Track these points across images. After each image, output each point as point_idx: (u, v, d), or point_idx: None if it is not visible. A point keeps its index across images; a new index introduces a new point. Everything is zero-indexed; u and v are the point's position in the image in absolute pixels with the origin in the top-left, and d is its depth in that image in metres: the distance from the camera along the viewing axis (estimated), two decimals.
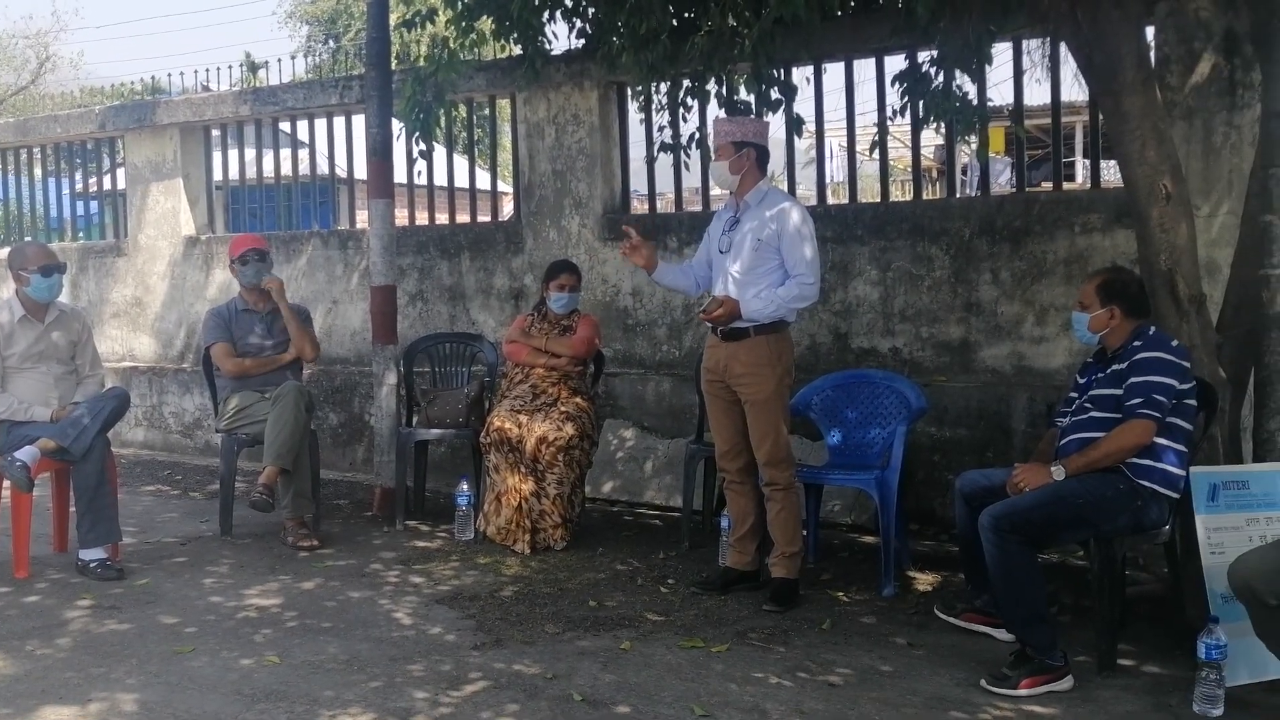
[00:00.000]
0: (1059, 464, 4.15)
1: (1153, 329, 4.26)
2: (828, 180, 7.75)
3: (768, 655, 4.34)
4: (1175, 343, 4.22)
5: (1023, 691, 3.90)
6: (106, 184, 10.64)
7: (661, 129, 7.09)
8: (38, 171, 10.76)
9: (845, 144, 7.35)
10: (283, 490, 6.00)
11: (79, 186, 11.12)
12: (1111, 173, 9.78)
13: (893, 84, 6.19)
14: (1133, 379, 4.10)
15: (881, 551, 5.17)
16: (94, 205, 11.81)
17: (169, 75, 10.27)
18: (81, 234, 11.34)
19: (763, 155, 5.07)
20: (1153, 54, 5.34)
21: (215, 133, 9.41)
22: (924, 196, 7.38)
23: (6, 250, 7.77)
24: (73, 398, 5.65)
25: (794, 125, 6.69)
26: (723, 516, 5.53)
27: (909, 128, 6.61)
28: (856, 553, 5.85)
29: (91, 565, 5.40)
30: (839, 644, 4.47)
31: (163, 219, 9.31)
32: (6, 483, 5.42)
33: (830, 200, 7.70)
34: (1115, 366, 4.21)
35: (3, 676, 4.12)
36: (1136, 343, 4.18)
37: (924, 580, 5.32)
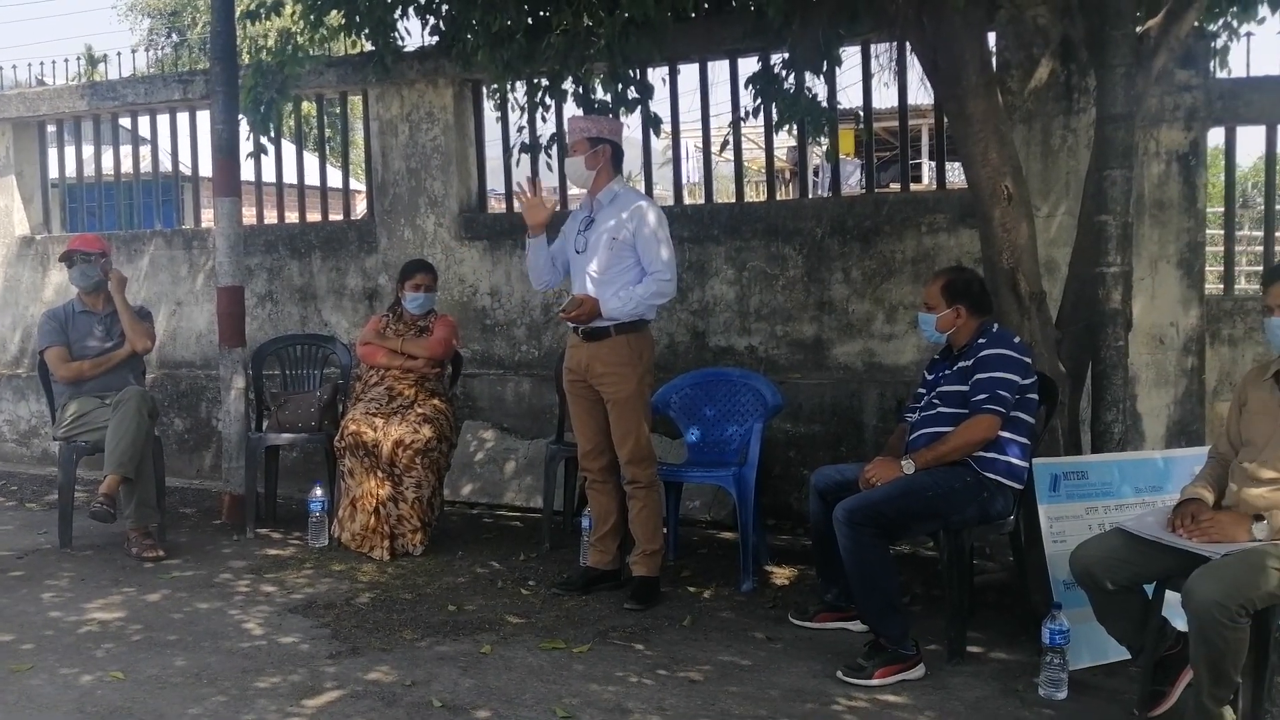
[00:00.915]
0: (909, 458, 4.26)
1: (996, 326, 4.41)
2: (684, 180, 7.81)
3: (629, 654, 4.35)
4: (1017, 339, 4.37)
5: (877, 681, 3.99)
6: None
7: (521, 129, 7.05)
8: None
9: (701, 144, 7.42)
10: (125, 499, 5.77)
11: None
12: (956, 174, 10.09)
13: (746, 85, 6.27)
14: (978, 375, 4.23)
15: (740, 547, 5.23)
16: None
17: (1, 68, 9.76)
18: None
19: (617, 153, 5.09)
20: (994, 59, 5.53)
21: (51, 128, 9.00)
22: (778, 197, 7.48)
23: None
24: None
25: (651, 125, 6.73)
26: (584, 516, 5.52)
27: (763, 129, 6.71)
28: (715, 549, 5.91)
29: None
30: (699, 640, 4.50)
31: None
32: None
33: (687, 200, 7.77)
34: (961, 363, 4.34)
35: None
36: (981, 340, 4.32)
37: (781, 574, 5.40)
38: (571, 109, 6.91)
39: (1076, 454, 4.85)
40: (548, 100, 6.89)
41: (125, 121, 8.94)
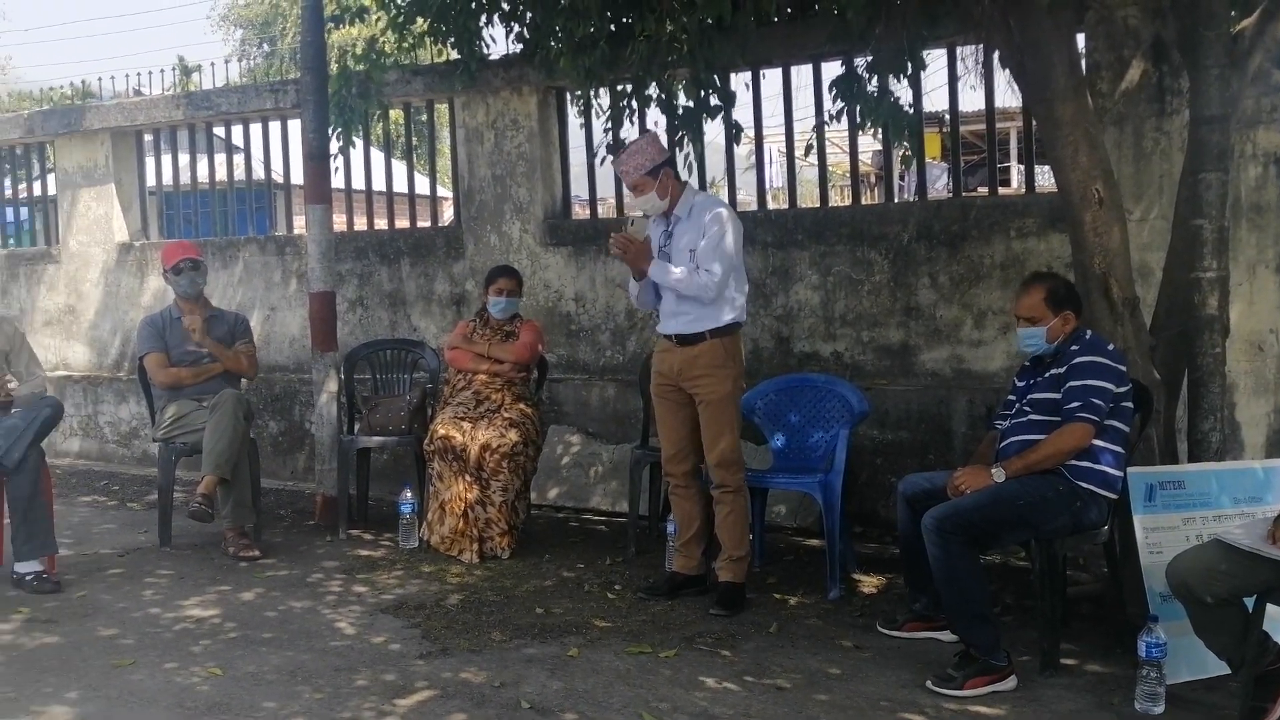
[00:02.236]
0: (999, 466, 4.21)
1: (1089, 333, 4.34)
2: (767, 185, 7.79)
3: (715, 660, 4.35)
4: (1111, 346, 4.30)
5: (968, 692, 3.95)
6: (36, 190, 10.40)
7: (606, 132, 7.09)
8: None
9: (784, 149, 7.40)
10: (222, 500, 5.92)
11: (8, 193, 10.88)
12: (1045, 178, 9.95)
13: (829, 89, 6.25)
14: (1071, 383, 4.17)
15: (826, 554, 5.20)
16: (24, 211, 11.56)
17: (100, 80, 10.09)
18: (11, 240, 11.10)
19: (672, 165, 5.10)
20: (1084, 61, 5.44)
21: (148, 137, 9.26)
22: (862, 201, 7.43)
23: None
24: (9, 408, 5.54)
25: (732, 131, 6.74)
26: (668, 521, 5.54)
27: (847, 133, 6.68)
28: (801, 556, 5.89)
29: (27, 578, 5.29)
30: (786, 647, 4.49)
31: (95, 225, 9.14)
32: None
33: (770, 205, 7.75)
34: (1053, 370, 4.28)
35: None
36: (1074, 347, 4.26)
37: (869, 582, 5.37)
38: (654, 114, 6.96)
39: (1173, 463, 4.75)
40: (631, 106, 6.94)
41: (219, 130, 9.16)
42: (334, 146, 7.22)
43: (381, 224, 8.30)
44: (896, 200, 7.29)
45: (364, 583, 5.42)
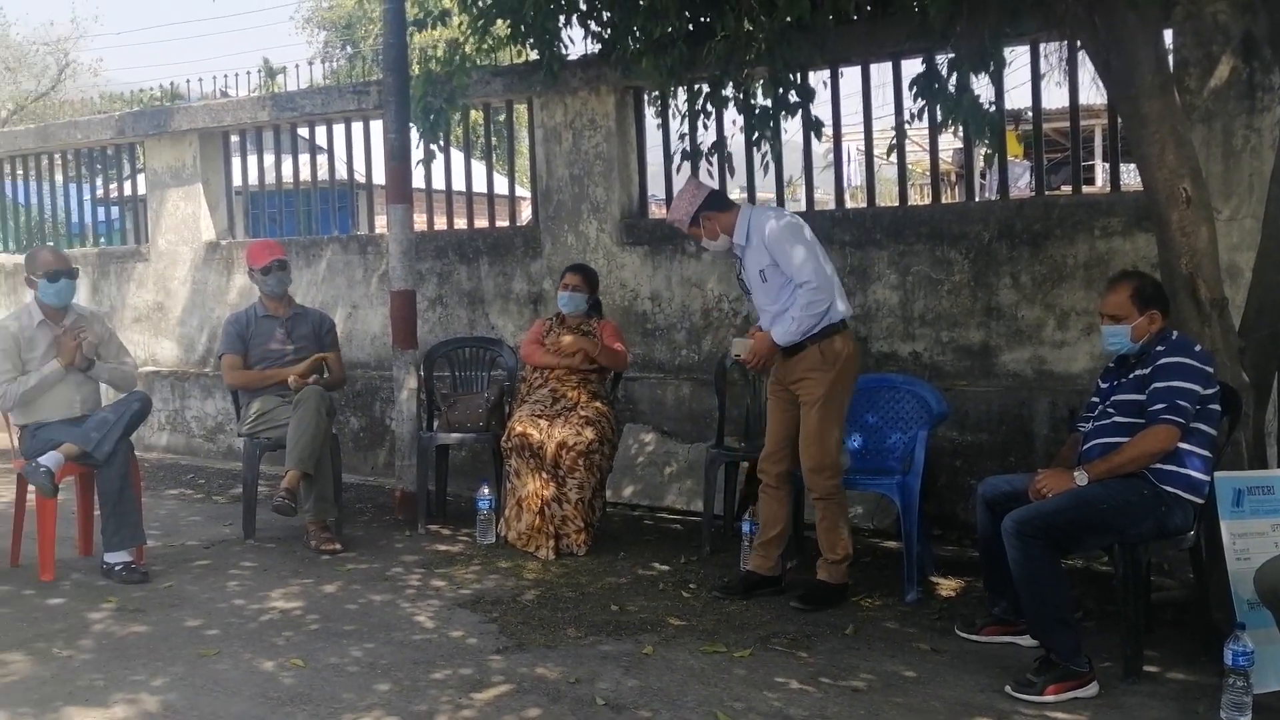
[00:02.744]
0: (1082, 469, 4.14)
1: (1175, 333, 4.25)
2: (846, 184, 7.74)
3: (790, 660, 4.34)
4: (1198, 347, 4.20)
5: (1048, 698, 3.89)
6: (127, 189, 10.68)
7: (682, 136, 7.10)
8: (58, 177, 10.83)
9: (863, 148, 7.35)
10: (304, 494, 6.03)
11: (99, 192, 11.19)
12: (1131, 176, 9.75)
13: (909, 87, 6.19)
14: (1156, 384, 4.09)
15: (904, 557, 5.16)
16: (114, 211, 11.88)
17: (188, 81, 10.34)
18: (102, 239, 11.42)
19: (714, 198, 5.13)
20: (1171, 57, 5.32)
21: (234, 138, 9.45)
22: (942, 200, 7.35)
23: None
24: (96, 401, 5.69)
25: (811, 129, 6.70)
26: (744, 521, 5.54)
27: (927, 131, 6.61)
28: (879, 558, 5.84)
29: (116, 568, 5.44)
30: (862, 649, 4.46)
31: (183, 224, 9.36)
32: (32, 487, 5.46)
33: (849, 204, 7.70)
34: (1138, 371, 4.20)
35: (28, 678, 4.16)
36: (1159, 347, 4.17)
37: (947, 586, 5.31)
38: (732, 113, 6.95)
39: (1262, 468, 4.63)
40: (708, 106, 6.94)
41: (303, 131, 9.33)
42: (418, 153, 7.32)
43: (461, 224, 8.39)
44: (977, 199, 7.20)
45: (442, 577, 5.48)
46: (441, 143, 7.77)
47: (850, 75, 6.87)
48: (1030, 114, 6.66)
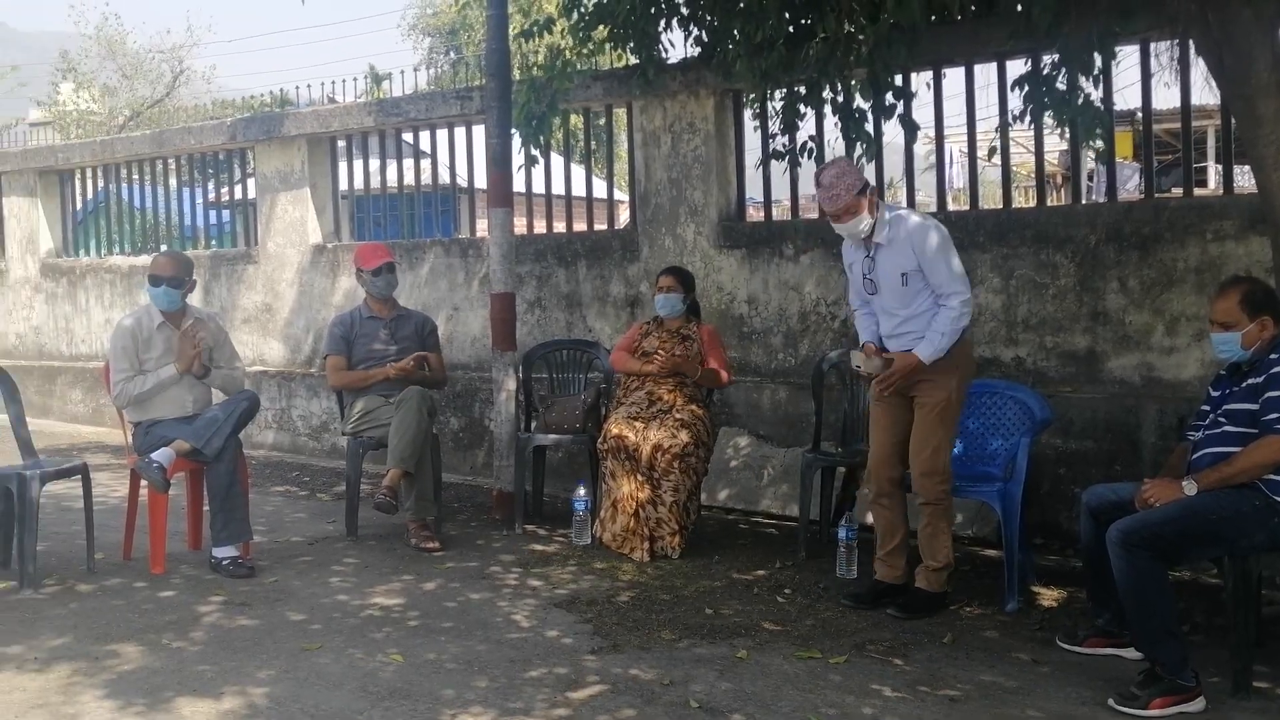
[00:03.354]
0: (1191, 479, 4.03)
1: None
2: (948, 186, 7.63)
3: (886, 668, 4.29)
4: None
5: (1153, 712, 3.80)
6: (238, 193, 10.99)
7: (773, 136, 7.08)
8: (173, 181, 11.18)
9: (966, 149, 7.24)
10: (405, 493, 6.13)
11: (211, 196, 11.52)
12: (1245, 178, 9.45)
13: (1013, 88, 6.09)
14: (1270, 393, 3.96)
15: (1004, 565, 5.07)
16: (226, 214, 12.22)
17: (297, 88, 10.58)
18: (214, 242, 11.77)
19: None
20: None
21: (341, 143, 9.65)
22: (1048, 202, 7.21)
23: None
24: (207, 400, 5.86)
25: (910, 131, 6.62)
26: (840, 527, 5.49)
27: (1032, 133, 6.49)
28: (978, 566, 5.75)
29: (224, 563, 5.59)
30: (960, 659, 4.40)
31: (291, 227, 9.59)
32: (144, 482, 5.65)
33: (951, 207, 7.60)
34: (1251, 380, 4.07)
35: (140, 668, 4.30)
36: (1273, 355, 4.04)
37: (1049, 596, 5.20)
38: (830, 116, 6.90)
39: None
40: (805, 108, 6.89)
41: (407, 136, 9.49)
42: (519, 158, 7.40)
43: (560, 227, 8.46)
44: (1084, 201, 7.05)
45: (538, 577, 5.53)
46: (543, 147, 7.85)
47: (953, 76, 6.79)
48: (1140, 114, 6.50)
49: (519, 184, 7.54)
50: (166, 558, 5.69)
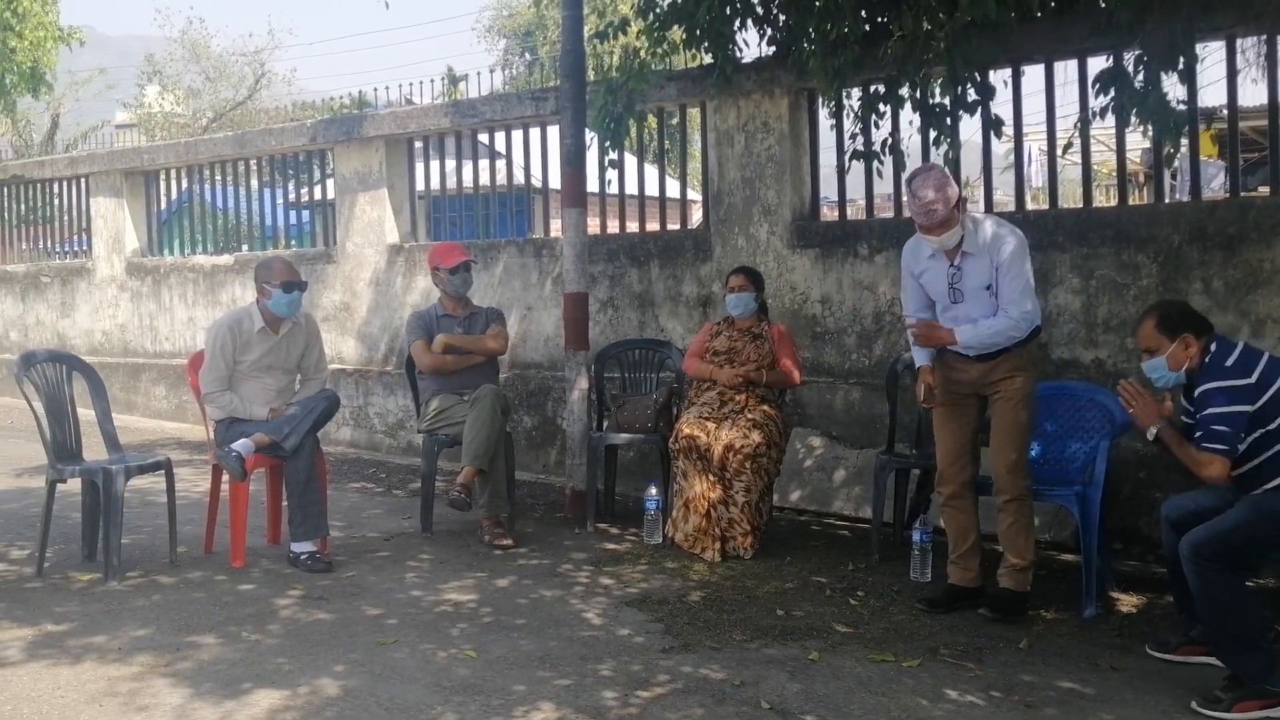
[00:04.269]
0: (1166, 422, 4.11)
1: (1214, 348, 4.12)
2: (1027, 185, 7.52)
3: (960, 672, 4.25)
4: (1231, 359, 4.07)
5: (1236, 715, 3.73)
6: (317, 194, 11.16)
7: (850, 136, 7.03)
8: (254, 182, 11.40)
9: (1045, 148, 7.13)
10: (479, 490, 6.19)
11: (291, 196, 11.71)
12: None
13: (1093, 85, 5.98)
14: (1198, 413, 4.02)
15: (1083, 571, 4.99)
16: (305, 214, 12.41)
17: (375, 90, 10.73)
18: (294, 242, 11.96)
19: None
20: None
21: (418, 144, 9.77)
22: (1129, 202, 7.07)
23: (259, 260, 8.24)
24: (288, 398, 5.96)
25: (991, 128, 6.54)
26: (914, 529, 5.44)
27: (1114, 130, 6.37)
28: (1055, 570, 5.66)
29: (301, 557, 5.69)
30: (1036, 664, 4.33)
31: (369, 227, 9.72)
32: (225, 478, 5.76)
33: (1030, 206, 7.48)
34: (1194, 397, 4.08)
35: (219, 659, 4.39)
36: (1202, 374, 4.08)
37: (1128, 602, 5.11)
38: (908, 114, 6.84)
39: None
40: (882, 107, 6.84)
41: (483, 137, 9.58)
42: (594, 160, 7.42)
43: (632, 227, 8.48)
44: (1167, 200, 6.91)
45: (610, 575, 5.56)
46: (621, 150, 7.87)
47: (1033, 73, 6.68)
48: (1224, 112, 6.35)
49: (592, 184, 7.57)
50: (246, 552, 5.80)
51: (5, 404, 8.90)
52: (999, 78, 6.61)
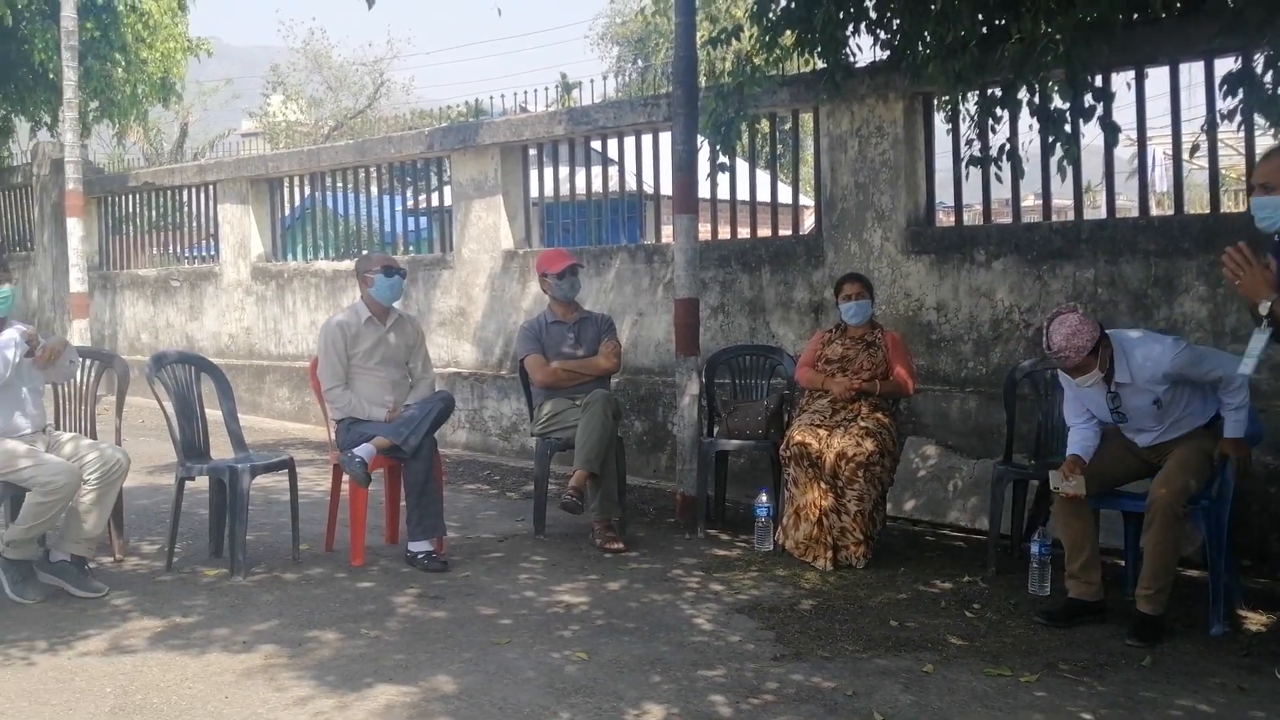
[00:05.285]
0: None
1: None
2: (1150, 190, 7.32)
3: (1080, 689, 4.15)
4: None
5: None
6: (434, 201, 11.36)
7: (967, 141, 6.93)
8: (374, 189, 11.66)
9: (1170, 152, 6.94)
10: (591, 493, 6.24)
11: (409, 203, 11.96)
12: None
13: (1221, 87, 5.80)
14: None
15: (1210, 588, 4.83)
16: (423, 221, 12.66)
17: (490, 98, 10.90)
18: (411, 248, 12.21)
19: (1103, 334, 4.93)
20: None
21: (532, 151, 9.89)
22: None
23: (354, 261, 8.45)
24: (405, 400, 6.10)
25: (1110, 133, 6.38)
26: (1033, 542, 5.33)
27: (1242, 134, 6.17)
28: (1181, 587, 5.45)
29: (419, 557, 5.80)
30: (1159, 682, 4.22)
31: (484, 234, 9.88)
32: (346, 477, 5.91)
33: (1154, 211, 7.29)
34: None
35: (338, 654, 4.51)
36: None
37: (1257, 620, 4.94)
38: (1025, 117, 6.71)
39: None
40: (999, 110, 6.72)
41: (596, 143, 9.66)
42: (705, 166, 7.44)
43: (744, 233, 8.47)
44: None
45: (720, 581, 5.56)
46: (732, 155, 7.87)
47: (1156, 76, 6.52)
48: None
49: (704, 190, 7.58)
50: (365, 550, 5.95)
51: (137, 404, 9.23)
52: (1121, 80, 6.46)
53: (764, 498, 6.18)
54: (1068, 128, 6.35)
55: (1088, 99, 6.26)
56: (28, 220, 15.02)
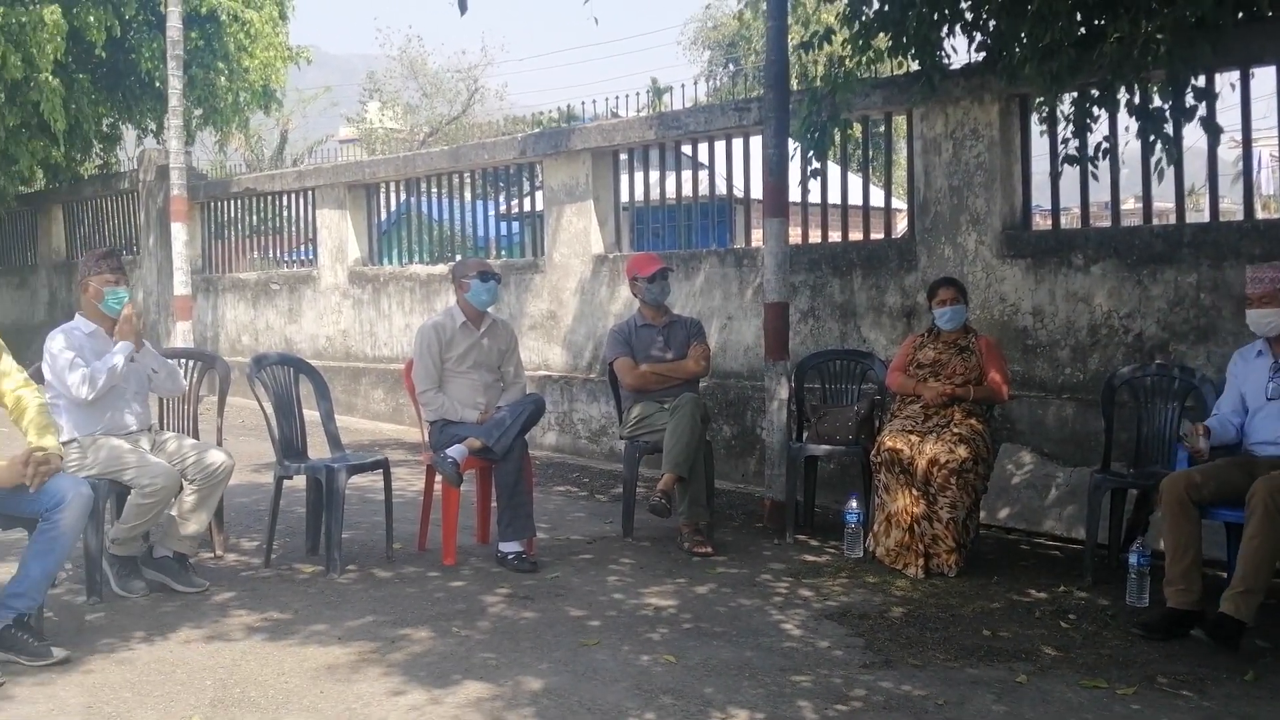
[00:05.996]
0: None
1: None
2: (1256, 192, 7.12)
3: (1179, 702, 4.05)
4: None
5: None
6: (526, 206, 11.48)
7: (1064, 141, 6.81)
8: (467, 194, 11.82)
9: (1276, 153, 6.74)
10: (679, 497, 6.25)
11: (502, 208, 12.09)
12: None
13: None
14: None
15: None
16: (515, 225, 12.79)
17: (582, 103, 10.94)
18: (504, 252, 12.35)
19: None
20: None
21: (623, 156, 9.93)
22: None
23: (450, 266, 8.56)
24: (497, 403, 6.17)
25: (1212, 134, 6.22)
26: (1131, 552, 5.21)
27: None
28: None
29: (509, 557, 5.87)
30: (1263, 698, 4.09)
31: (575, 238, 9.95)
32: (439, 478, 6.00)
33: (1260, 214, 7.08)
34: None
35: (431, 651, 4.58)
36: None
37: None
38: (1124, 119, 6.58)
39: None
40: (1097, 111, 6.60)
41: (686, 148, 9.68)
42: (796, 170, 7.41)
43: (835, 236, 8.41)
44: None
45: (809, 587, 5.53)
46: (824, 159, 7.83)
47: (1262, 76, 6.33)
48: None
49: (794, 194, 7.55)
50: (457, 550, 6.03)
51: (238, 404, 9.49)
52: (1224, 80, 6.29)
53: (854, 504, 6.12)
54: (1168, 128, 6.22)
55: (1189, 98, 6.12)
56: (134, 225, 15.50)
